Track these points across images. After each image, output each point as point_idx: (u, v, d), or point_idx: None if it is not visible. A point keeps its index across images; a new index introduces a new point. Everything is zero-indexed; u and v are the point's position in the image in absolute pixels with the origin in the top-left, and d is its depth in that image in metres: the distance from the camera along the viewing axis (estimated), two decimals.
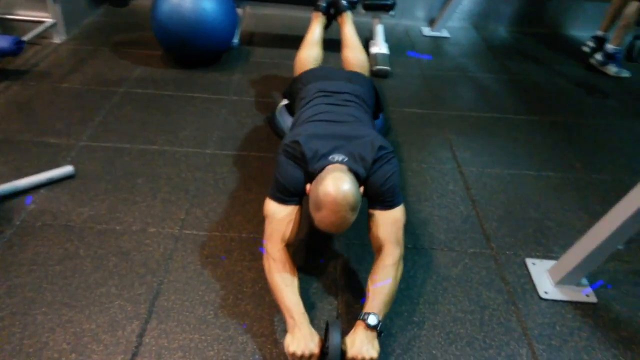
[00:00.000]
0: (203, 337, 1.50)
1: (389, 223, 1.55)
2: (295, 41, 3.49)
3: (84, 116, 2.47)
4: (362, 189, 1.51)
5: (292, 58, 3.14)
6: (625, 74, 3.40)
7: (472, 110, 2.85)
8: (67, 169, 2.04)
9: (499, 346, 1.55)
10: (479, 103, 2.93)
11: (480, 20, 4.07)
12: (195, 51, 2.93)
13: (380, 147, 1.58)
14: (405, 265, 1.59)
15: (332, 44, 2.74)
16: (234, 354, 1.46)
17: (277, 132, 2.43)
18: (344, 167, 1.52)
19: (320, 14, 2.61)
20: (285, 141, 1.63)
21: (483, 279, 1.79)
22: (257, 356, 1.46)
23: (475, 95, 3.02)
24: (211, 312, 1.57)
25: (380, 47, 3.32)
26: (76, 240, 1.77)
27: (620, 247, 1.69)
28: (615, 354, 1.56)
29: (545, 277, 1.80)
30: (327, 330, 1.36)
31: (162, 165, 2.19)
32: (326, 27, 2.70)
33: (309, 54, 2.45)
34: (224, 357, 1.45)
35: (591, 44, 3.56)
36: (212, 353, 1.46)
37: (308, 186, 1.53)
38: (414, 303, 1.66)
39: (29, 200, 1.93)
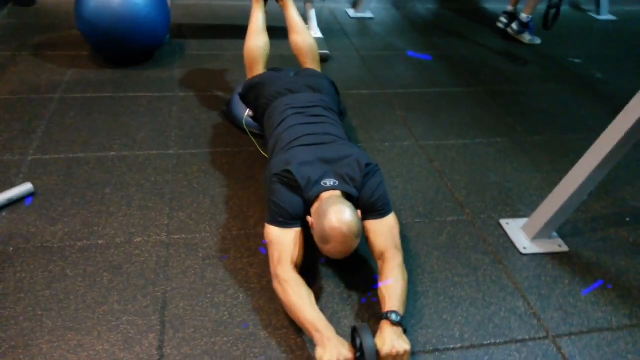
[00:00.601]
0: (225, 339, 1.47)
1: (386, 231, 1.62)
2: (227, 30, 3.44)
3: (24, 128, 2.26)
4: (359, 212, 1.58)
5: (229, 48, 3.11)
6: (537, 41, 3.70)
7: (414, 87, 2.97)
8: (26, 187, 1.88)
9: (498, 302, 1.68)
10: (418, 79, 3.06)
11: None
12: (129, 48, 2.78)
13: (366, 165, 1.67)
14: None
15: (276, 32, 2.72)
16: (261, 349, 1.46)
17: (236, 124, 2.39)
18: (337, 192, 1.60)
19: None
20: (275, 170, 1.66)
21: (467, 243, 1.91)
22: (283, 348, 1.46)
23: (413, 72, 3.15)
24: (226, 313, 1.55)
25: (315, 31, 3.34)
26: (59, 261, 1.65)
27: (585, 197, 1.88)
28: (594, 293, 1.74)
29: (520, 234, 1.96)
30: (353, 335, 1.38)
31: (127, 172, 2.08)
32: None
33: (257, 43, 2.42)
34: (251, 355, 1.44)
35: (504, 19, 3.83)
36: (238, 353, 1.44)
37: (309, 218, 1.58)
38: (414, 274, 1.74)
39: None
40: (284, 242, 1.57)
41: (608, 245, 1.95)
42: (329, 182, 1.62)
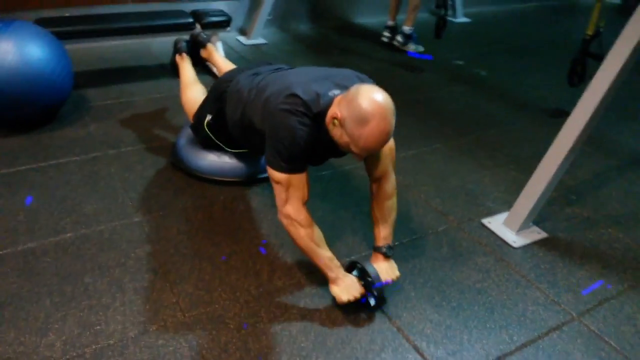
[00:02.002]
0: None
1: (387, 151, 1.65)
2: (124, 73, 3.16)
3: None
4: None
5: (136, 93, 2.92)
6: (421, 49, 4.02)
7: None
8: None
9: (521, 299, 1.79)
10: None
11: (282, 22, 4.25)
12: (33, 109, 2.40)
13: (365, 78, 1.64)
14: (407, 262, 1.87)
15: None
16: None
17: (189, 170, 2.21)
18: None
19: (184, 54, 2.46)
20: (274, 101, 1.53)
21: (467, 248, 2.00)
22: None
23: None
24: None
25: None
26: None
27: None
28: (587, 269, 1.95)
29: (505, 229, 2.11)
30: (352, 268, 1.65)
31: (98, 252, 1.79)
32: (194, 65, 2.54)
33: (195, 94, 2.29)
34: None
35: (387, 33, 4.08)
36: None
37: (335, 112, 1.44)
38: (440, 291, 1.78)
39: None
40: (293, 183, 1.55)
41: (573, 224, 2.20)
42: (336, 91, 1.52)
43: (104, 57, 3.33)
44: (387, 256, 1.68)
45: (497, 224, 2.14)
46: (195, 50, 2.53)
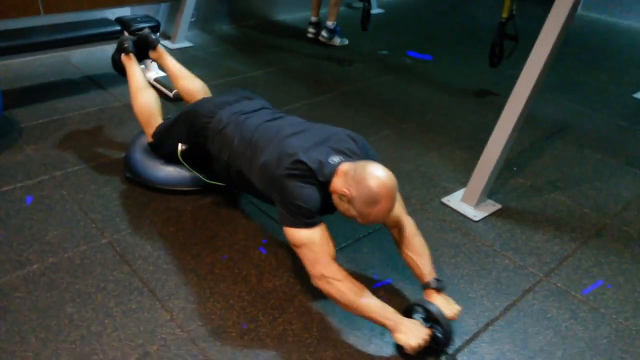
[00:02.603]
0: None
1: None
2: (48, 89, 2.98)
3: None
4: None
5: (67, 109, 2.77)
6: (346, 41, 4.12)
7: (283, 105, 3.04)
8: None
9: (493, 267, 1.93)
10: (282, 98, 3.14)
11: (204, 24, 4.16)
12: None
13: (355, 137, 1.70)
14: (382, 250, 1.88)
15: None
16: None
17: (149, 183, 2.14)
18: (347, 162, 1.57)
19: (131, 55, 2.34)
20: (280, 167, 1.55)
21: (435, 227, 2.12)
22: None
23: (270, 92, 3.21)
24: None
25: (156, 70, 3.12)
26: None
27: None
28: (542, 232, 2.14)
29: (464, 205, 2.25)
30: (411, 311, 1.53)
31: (73, 280, 1.70)
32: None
33: (147, 99, 2.20)
34: None
35: (312, 29, 4.14)
36: None
37: (342, 191, 1.50)
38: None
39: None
40: (316, 241, 1.52)
41: (520, 193, 2.39)
42: (336, 159, 1.57)
43: (22, 74, 3.09)
44: (438, 290, 1.59)
45: (455, 201, 2.28)
46: (142, 51, 2.40)
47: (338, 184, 1.53)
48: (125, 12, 3.52)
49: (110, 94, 2.96)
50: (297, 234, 1.53)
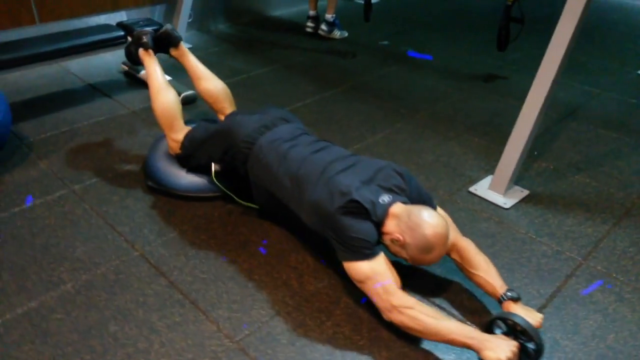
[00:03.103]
0: None
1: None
2: (53, 100, 2.90)
3: None
4: None
5: (76, 120, 2.72)
6: (346, 34, 4.07)
7: (294, 102, 2.99)
8: None
9: (532, 254, 1.91)
10: (290, 94, 3.09)
11: (201, 24, 4.08)
12: None
13: (402, 171, 1.71)
14: None
15: None
16: None
17: (174, 191, 2.08)
18: (399, 203, 1.59)
19: (150, 51, 2.25)
20: (334, 205, 1.55)
21: (467, 218, 2.09)
22: None
23: (278, 89, 3.16)
24: None
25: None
26: None
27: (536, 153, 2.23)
28: (573, 216, 2.12)
29: (492, 193, 2.23)
30: (490, 326, 1.48)
31: (110, 297, 1.64)
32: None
33: (168, 99, 2.13)
34: None
35: (311, 24, 4.08)
36: None
37: (395, 236, 1.54)
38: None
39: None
40: (380, 272, 1.51)
41: (545, 178, 2.37)
42: (386, 198, 1.59)
43: (21, 86, 2.99)
44: (515, 300, 1.52)
45: (483, 189, 2.26)
46: (160, 48, 2.32)
47: (391, 226, 1.55)
48: (121, 16, 3.43)
49: (117, 101, 2.89)
50: (360, 268, 1.52)
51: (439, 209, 1.75)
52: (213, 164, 1.98)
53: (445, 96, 3.15)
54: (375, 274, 1.50)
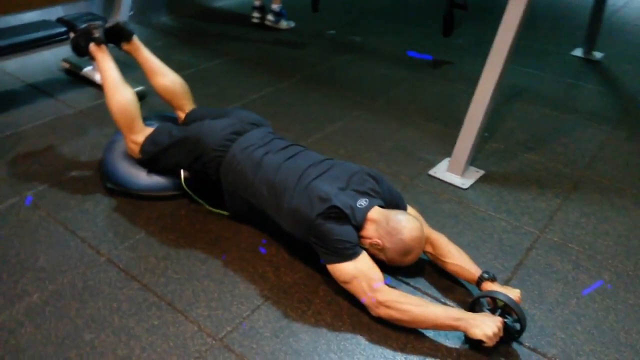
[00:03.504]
0: None
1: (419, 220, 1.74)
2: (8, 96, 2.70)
3: None
4: None
5: (19, 123, 2.62)
6: (292, 24, 4.05)
7: (251, 93, 2.96)
8: None
9: (494, 231, 2.00)
10: (245, 87, 3.05)
11: (142, 17, 3.94)
12: None
13: (375, 174, 1.76)
14: None
15: None
16: None
17: (135, 191, 2.03)
18: (376, 208, 1.64)
19: (103, 46, 2.15)
20: (315, 211, 1.58)
21: (430, 200, 2.16)
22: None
23: (231, 82, 3.11)
24: None
25: None
26: None
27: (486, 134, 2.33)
28: (527, 192, 2.24)
29: (451, 175, 2.31)
30: (474, 306, 1.55)
31: (81, 306, 1.58)
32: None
33: (126, 98, 2.04)
34: None
35: (257, 14, 4.02)
36: None
37: (374, 240, 1.60)
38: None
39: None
40: (364, 269, 1.55)
41: (497, 157, 2.48)
42: (363, 202, 1.64)
43: None
44: (492, 279, 1.59)
45: (441, 172, 2.33)
46: (112, 41, 2.22)
47: (370, 231, 1.61)
48: (57, 12, 3.26)
49: (61, 101, 2.76)
50: (345, 269, 1.55)
51: (410, 208, 1.81)
52: (182, 171, 1.94)
53: (398, 83, 3.22)
54: (359, 272, 1.54)
